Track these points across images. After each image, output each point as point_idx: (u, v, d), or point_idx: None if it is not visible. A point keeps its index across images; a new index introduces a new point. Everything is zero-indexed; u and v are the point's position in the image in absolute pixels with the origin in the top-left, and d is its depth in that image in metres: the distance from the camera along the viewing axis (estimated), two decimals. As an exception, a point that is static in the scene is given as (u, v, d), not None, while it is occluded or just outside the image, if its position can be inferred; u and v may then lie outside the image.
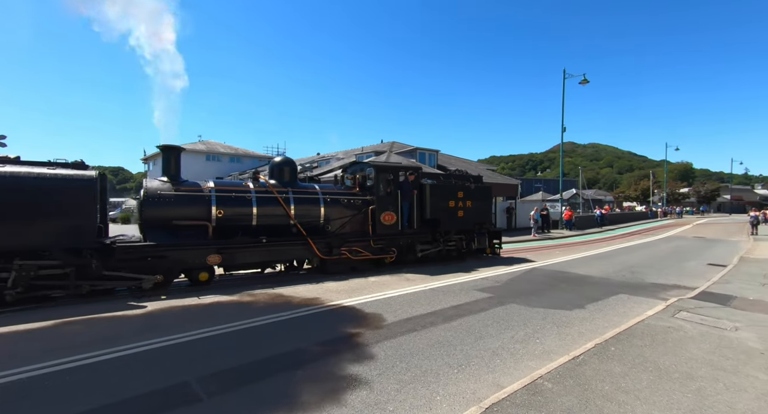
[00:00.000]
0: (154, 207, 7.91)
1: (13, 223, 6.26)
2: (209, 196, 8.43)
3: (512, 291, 7.87)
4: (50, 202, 6.51)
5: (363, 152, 28.04)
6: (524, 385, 3.60)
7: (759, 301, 7.20)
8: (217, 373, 4.01)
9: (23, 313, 6.11)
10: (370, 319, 5.88)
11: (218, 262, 8.20)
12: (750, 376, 3.91)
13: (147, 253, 7.51)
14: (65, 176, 6.73)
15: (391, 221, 10.57)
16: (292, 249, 9.21)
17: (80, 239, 6.78)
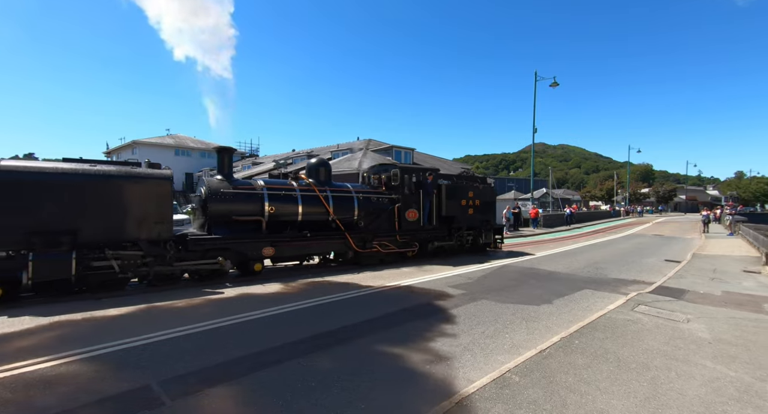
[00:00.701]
0: (218, 203, 8.60)
1: (108, 217, 7.05)
2: (262, 194, 9.17)
3: (484, 287, 8.07)
4: (138, 199, 7.29)
5: (339, 149, 27.82)
6: (493, 379, 3.69)
7: (708, 295, 7.72)
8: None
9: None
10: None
11: (272, 254, 9.09)
12: (699, 365, 4.19)
13: (214, 245, 8.30)
14: (149, 175, 7.53)
15: (414, 218, 11.65)
16: (331, 242, 10.14)
17: (161, 232, 7.55)
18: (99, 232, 6.95)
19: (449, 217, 12.42)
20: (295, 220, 9.64)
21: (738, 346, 4.79)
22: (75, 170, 6.83)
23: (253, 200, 9.05)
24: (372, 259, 10.74)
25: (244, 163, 41.04)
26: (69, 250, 6.61)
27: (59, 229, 6.58)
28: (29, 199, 6.42)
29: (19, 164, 6.51)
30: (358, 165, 21.22)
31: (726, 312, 6.41)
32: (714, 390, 3.61)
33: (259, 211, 9.05)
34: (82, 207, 6.77)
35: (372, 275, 9.23)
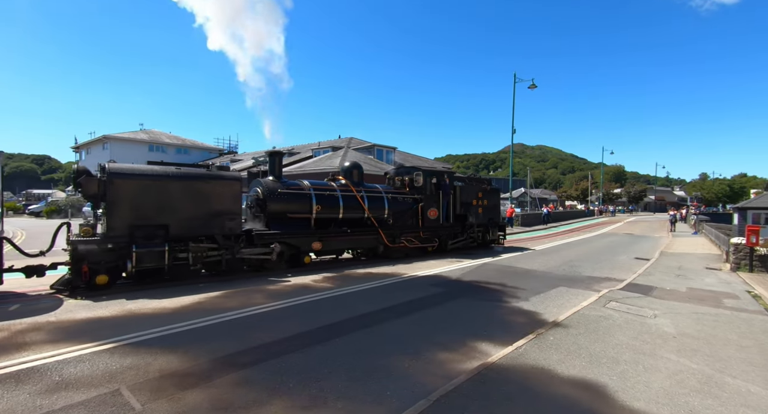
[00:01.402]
0: (275, 202, 9.54)
1: (193, 214, 7.97)
2: (310, 194, 10.15)
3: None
4: (216, 197, 8.27)
5: (320, 147, 27.56)
6: (471, 376, 3.76)
7: (674, 291, 8.10)
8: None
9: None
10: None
11: (320, 247, 10.08)
12: (664, 358, 4.39)
13: (274, 239, 9.26)
14: (225, 176, 8.55)
15: (434, 216, 12.96)
16: (366, 238, 11.22)
17: (233, 227, 8.52)
18: (185, 227, 7.91)
19: (462, 215, 13.93)
20: (337, 217, 10.65)
21: (700, 340, 5.05)
22: (167, 172, 7.85)
23: (303, 200, 10.07)
24: (399, 253, 11.93)
25: (222, 160, 40.06)
26: (162, 243, 7.51)
27: (155, 224, 7.58)
28: (133, 198, 7.37)
29: (125, 167, 7.56)
30: (339, 163, 21.10)
31: (689, 307, 6.75)
32: (677, 382, 3.79)
33: (308, 210, 10.07)
34: (172, 205, 7.75)
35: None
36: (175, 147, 42.82)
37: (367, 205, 11.16)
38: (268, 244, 9.12)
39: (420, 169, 13.25)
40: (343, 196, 10.81)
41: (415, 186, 12.86)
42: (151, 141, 40.83)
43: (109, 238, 7.15)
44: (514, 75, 24.33)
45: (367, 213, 11.13)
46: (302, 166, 23.32)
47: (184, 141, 44.88)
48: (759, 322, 6.01)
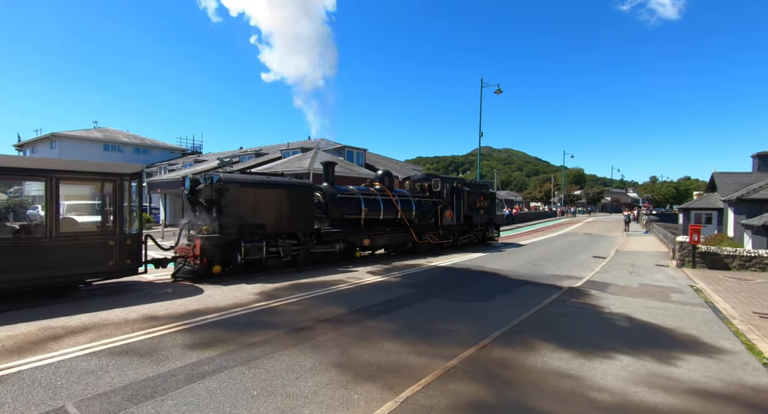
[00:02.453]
0: (335, 206, 11.24)
1: (281, 215, 9.57)
2: (359, 198, 11.83)
3: (434, 286, 8.30)
4: (297, 202, 9.95)
5: (289, 148, 27.06)
6: (438, 375, 3.80)
7: (627, 287, 8.62)
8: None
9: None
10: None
11: (369, 244, 12.00)
12: (617, 350, 4.66)
13: (337, 236, 11.04)
14: (303, 184, 10.68)
15: (450, 217, 15.07)
16: (400, 235, 13.10)
17: (310, 226, 10.27)
18: (276, 226, 9.47)
19: (468, 216, 16.10)
20: (378, 218, 12.38)
21: (649, 332, 5.40)
22: (263, 180, 9.66)
23: (355, 203, 11.72)
24: (423, 248, 13.86)
25: (185, 161, 38.38)
26: (261, 239, 9.07)
27: (256, 224, 9.09)
28: (241, 202, 8.87)
29: (235, 176, 9.27)
30: (309, 164, 20.79)
31: (641, 302, 7.20)
32: (630, 373, 4.03)
33: (358, 212, 11.74)
34: (267, 207, 9.34)
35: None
36: (133, 146, 40.57)
37: (400, 207, 13.03)
38: (332, 240, 10.87)
39: (439, 176, 15.58)
40: (382, 199, 12.56)
41: (434, 190, 14.94)
42: (107, 140, 38.44)
43: (224, 235, 8.62)
44: (481, 80, 25.07)
45: (400, 214, 12.98)
46: (271, 167, 22.77)
47: (144, 140, 42.62)
48: (699, 313, 6.51)
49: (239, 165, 27.03)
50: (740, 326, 5.79)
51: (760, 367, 4.29)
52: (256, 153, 30.43)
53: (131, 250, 7.30)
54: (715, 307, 6.94)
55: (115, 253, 7.05)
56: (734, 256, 11.36)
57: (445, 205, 14.87)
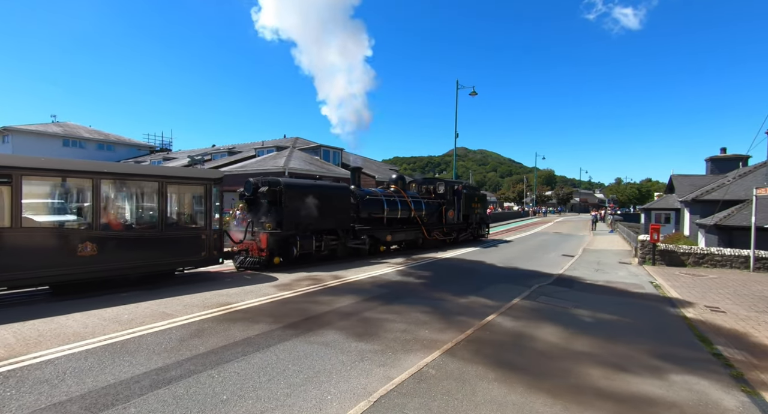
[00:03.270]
0: (364, 207, 12.73)
1: (326, 214, 10.90)
2: (382, 200, 13.39)
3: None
4: (338, 203, 11.51)
5: (264, 147, 26.49)
6: (411, 374, 3.83)
7: (592, 284, 9.00)
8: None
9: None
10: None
11: (390, 240, 13.60)
12: (583, 344, 4.86)
13: (368, 233, 12.58)
14: (342, 187, 12.23)
15: (452, 216, 16.87)
16: (413, 232, 14.72)
17: (347, 224, 11.85)
18: (321, 223, 10.90)
19: (466, 215, 17.87)
20: (396, 217, 13.95)
21: (613, 327, 5.66)
22: (314, 184, 11.29)
23: (379, 204, 13.29)
24: (430, 244, 15.61)
25: (153, 158, 36.82)
26: (311, 235, 10.54)
27: (307, 222, 10.53)
28: (297, 203, 10.35)
29: (293, 181, 11.00)
30: (285, 163, 20.42)
31: (605, 298, 7.54)
32: (596, 362, 4.21)
33: (381, 212, 13.34)
34: (315, 208, 10.62)
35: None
36: (95, 142, 38.49)
37: (413, 207, 14.57)
38: (362, 236, 12.35)
39: (443, 180, 17.67)
40: (399, 201, 14.11)
41: (438, 192, 16.78)
42: (66, 135, 36.28)
43: (284, 231, 10.04)
44: (457, 82, 25.44)
45: (413, 213, 14.61)
46: (244, 166, 22.22)
47: (108, 136, 40.53)
48: (658, 307, 6.90)
49: (211, 163, 26.22)
50: (694, 318, 6.17)
51: (709, 356, 4.59)
52: (229, 151, 29.61)
53: (216, 244, 8.70)
54: (671, 301, 7.37)
55: (205, 246, 8.51)
56: (689, 253, 12.09)
57: (449, 205, 16.70)
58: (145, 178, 8.13)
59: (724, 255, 11.62)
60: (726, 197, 14.58)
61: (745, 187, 14.54)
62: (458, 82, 25.29)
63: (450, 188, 17.01)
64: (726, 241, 13.09)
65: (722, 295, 7.88)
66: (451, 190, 17.07)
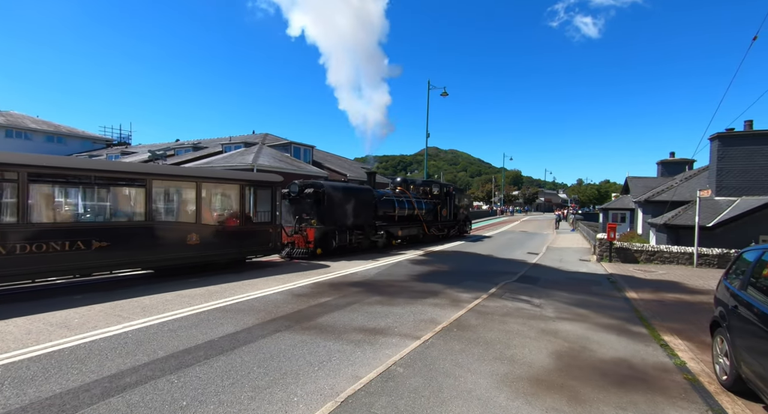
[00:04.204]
0: (381, 206, 14.69)
1: (355, 213, 13.08)
2: (393, 200, 15.51)
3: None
4: (363, 203, 13.62)
5: (231, 142, 25.63)
6: (379, 373, 3.83)
7: (554, 281, 9.39)
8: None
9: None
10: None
11: (400, 234, 15.79)
12: (545, 340, 5.05)
13: (384, 229, 14.56)
14: (368, 189, 14.48)
15: (445, 214, 19.51)
16: (416, 228, 17.06)
17: (370, 220, 13.93)
18: (352, 220, 12.99)
19: (455, 213, 20.40)
20: (404, 215, 16.20)
21: (572, 322, 5.93)
22: (348, 187, 13.72)
23: (391, 204, 15.34)
24: (428, 239, 18.04)
25: (110, 152, 34.67)
26: (345, 230, 12.57)
27: (342, 219, 12.61)
28: (335, 202, 12.35)
29: (331, 184, 13.14)
30: (253, 160, 19.85)
31: (566, 294, 7.89)
32: (557, 358, 4.39)
33: (393, 210, 15.45)
34: (348, 207, 12.79)
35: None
36: (44, 134, 35.71)
37: (416, 207, 16.90)
38: (380, 232, 14.39)
39: (438, 182, 20.25)
40: (406, 201, 16.46)
41: (434, 193, 19.16)
42: (9, 125, 33.39)
43: (326, 226, 12.00)
44: (428, 82, 25.75)
45: (416, 212, 16.89)
46: (210, 162, 21.38)
47: (58, 127, 37.72)
48: (613, 302, 7.29)
49: (174, 158, 25.06)
50: (645, 312, 6.59)
51: (657, 347, 4.92)
52: (194, 146, 28.39)
53: (278, 236, 10.69)
54: (625, 296, 7.83)
55: (272, 238, 10.44)
56: (642, 251, 12.90)
57: (442, 205, 19.12)
58: (230, 182, 9.89)
59: (671, 252, 12.49)
60: (674, 198, 15.67)
61: (690, 189, 15.69)
62: (430, 83, 25.59)
63: (443, 190, 19.46)
64: (674, 240, 14.08)
65: (670, 290, 8.45)
66: (444, 192, 19.46)
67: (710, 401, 3.52)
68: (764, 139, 14.06)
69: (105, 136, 40.82)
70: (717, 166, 14.66)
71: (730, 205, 13.62)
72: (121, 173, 7.91)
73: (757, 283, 3.76)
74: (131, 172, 8.04)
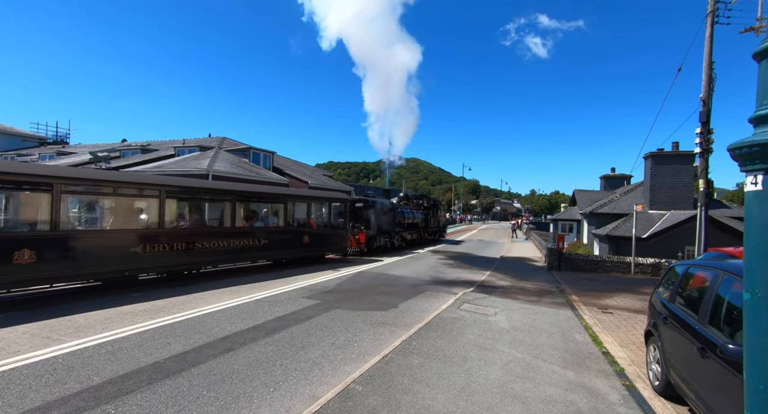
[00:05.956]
0: (398, 216, 19.11)
1: (388, 222, 17.77)
2: (405, 212, 20.09)
3: (346, 293, 8.27)
4: (392, 213, 18.23)
5: (185, 146, 24.33)
6: (338, 392, 3.75)
7: (509, 290, 9.79)
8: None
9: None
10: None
11: (409, 238, 20.22)
12: (499, 351, 5.23)
13: (400, 234, 19.17)
14: (393, 203, 19.47)
15: (433, 223, 24.41)
16: (417, 233, 21.45)
17: (395, 227, 18.46)
18: (386, 227, 17.34)
19: (438, 221, 25.60)
20: (410, 223, 20.50)
21: (524, 331, 6.20)
22: (383, 202, 18.03)
23: (404, 215, 19.67)
24: (424, 242, 22.68)
25: (44, 152, 31.55)
26: (381, 235, 17.05)
27: (379, 226, 16.66)
28: (373, 214, 16.41)
29: (375, 200, 17.55)
30: (209, 165, 18.93)
31: (519, 304, 8.24)
32: (507, 371, 4.55)
33: (404, 219, 19.74)
34: (381, 216, 16.97)
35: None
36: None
37: (416, 216, 21.47)
38: (398, 236, 18.76)
39: (428, 197, 25.73)
40: (412, 212, 21.09)
41: (425, 205, 23.77)
42: None
43: (372, 231, 16.08)
44: (392, 93, 26.17)
45: (417, 220, 21.49)
46: (161, 166, 20.09)
47: (3, 128, 33.80)
48: (562, 311, 7.73)
49: (120, 161, 23.34)
50: (588, 320, 7.04)
51: (600, 354, 5.27)
52: (143, 148, 26.60)
53: (348, 239, 14.61)
54: (572, 304, 8.33)
55: (345, 240, 14.19)
56: (587, 260, 13.83)
57: (431, 215, 23.83)
58: (324, 200, 13.79)
59: (612, 261, 13.51)
60: (614, 211, 17.02)
61: (628, 202, 17.13)
62: (393, 93, 25.97)
63: (431, 202, 24.55)
64: (614, 249, 15.25)
65: (603, 290, 9.14)
66: (432, 204, 24.57)
67: (644, 406, 3.82)
68: (688, 159, 15.73)
69: (38, 134, 37.16)
70: (650, 183, 16.15)
71: (661, 218, 15.03)
72: (272, 195, 12.00)
73: (683, 294, 4.15)
74: (277, 194, 12.14)
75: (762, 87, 1.35)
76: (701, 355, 3.10)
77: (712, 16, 10.24)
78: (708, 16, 10.28)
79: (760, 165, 1.36)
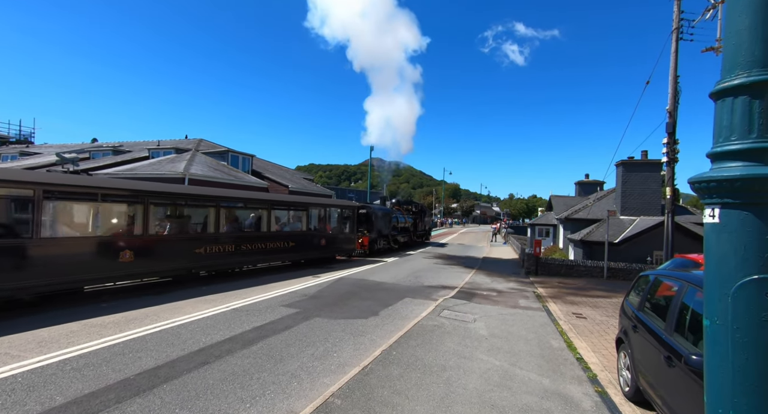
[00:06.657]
0: (392, 221, 20.81)
1: (386, 226, 19.72)
2: (398, 217, 22.05)
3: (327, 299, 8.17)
4: (389, 218, 20.27)
5: (160, 147, 23.59)
6: (316, 407, 3.70)
7: (487, 296, 9.94)
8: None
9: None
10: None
11: (401, 241, 22.29)
12: (478, 359, 5.30)
13: (394, 237, 20.96)
14: (390, 209, 21.55)
15: (421, 226, 26.33)
16: (407, 236, 23.39)
17: (390, 231, 20.36)
18: (384, 231, 19.27)
19: (425, 225, 27.50)
20: (402, 227, 22.45)
21: (502, 339, 6.30)
22: (384, 208, 20.44)
23: (397, 219, 21.59)
24: (414, 244, 24.60)
25: (4, 152, 29.88)
26: (381, 238, 18.92)
27: (379, 230, 18.60)
28: (377, 219, 18.35)
29: (376, 206, 19.62)
30: (185, 168, 18.41)
31: (497, 310, 8.38)
32: (485, 380, 4.61)
33: (398, 224, 21.62)
34: (382, 221, 19.06)
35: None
36: None
37: (408, 220, 23.39)
38: (392, 239, 20.42)
39: (415, 202, 27.67)
40: (404, 217, 22.94)
41: (414, 210, 25.54)
42: None
43: (374, 235, 17.90)
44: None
45: (408, 224, 23.27)
46: (135, 169, 19.38)
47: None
48: (538, 317, 7.91)
49: (90, 162, 22.37)
50: (564, 325, 7.23)
51: (575, 360, 5.41)
52: (115, 149, 25.61)
53: (354, 242, 16.27)
54: (548, 309, 8.53)
55: (352, 243, 16.01)
56: (562, 264, 14.22)
57: (419, 219, 25.66)
58: (337, 206, 15.57)
59: (586, 265, 13.95)
60: (588, 216, 17.60)
61: (601, 208, 17.75)
62: (375, 98, 26.06)
63: (419, 208, 26.42)
64: (588, 254, 15.75)
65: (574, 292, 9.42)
66: (420, 209, 26.34)
67: (615, 412, 3.96)
68: (656, 167, 16.48)
69: (0, 132, 35.19)
70: (621, 189, 16.81)
71: (631, 224, 15.65)
72: (298, 204, 13.49)
73: (651, 302, 4.33)
74: (302, 202, 13.62)
75: (718, 125, 1.44)
76: (667, 363, 3.23)
77: (677, 32, 10.80)
78: (673, 33, 10.84)
79: (717, 199, 1.45)
